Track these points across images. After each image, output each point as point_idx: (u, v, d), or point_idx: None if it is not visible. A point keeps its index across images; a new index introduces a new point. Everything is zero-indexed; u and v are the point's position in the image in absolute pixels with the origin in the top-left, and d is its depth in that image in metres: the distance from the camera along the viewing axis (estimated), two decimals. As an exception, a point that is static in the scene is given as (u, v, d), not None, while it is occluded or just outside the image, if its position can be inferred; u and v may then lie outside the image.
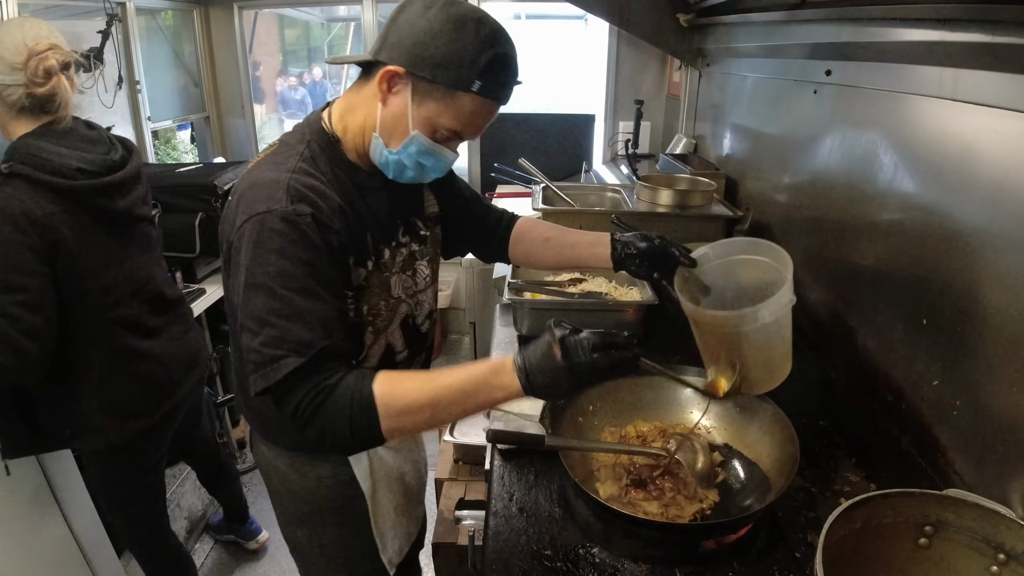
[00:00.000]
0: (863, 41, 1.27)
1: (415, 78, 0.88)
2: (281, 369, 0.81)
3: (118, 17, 2.59)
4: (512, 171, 2.45)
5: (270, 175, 0.91)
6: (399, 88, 0.90)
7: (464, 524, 1.17)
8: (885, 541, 0.77)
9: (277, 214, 0.86)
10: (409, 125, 0.91)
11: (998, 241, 0.94)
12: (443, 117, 0.91)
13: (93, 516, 1.73)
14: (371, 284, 1.02)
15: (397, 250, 1.07)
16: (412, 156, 0.95)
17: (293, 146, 0.96)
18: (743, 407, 1.09)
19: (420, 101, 0.90)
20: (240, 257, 0.87)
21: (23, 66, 1.26)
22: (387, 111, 0.92)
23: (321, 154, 0.96)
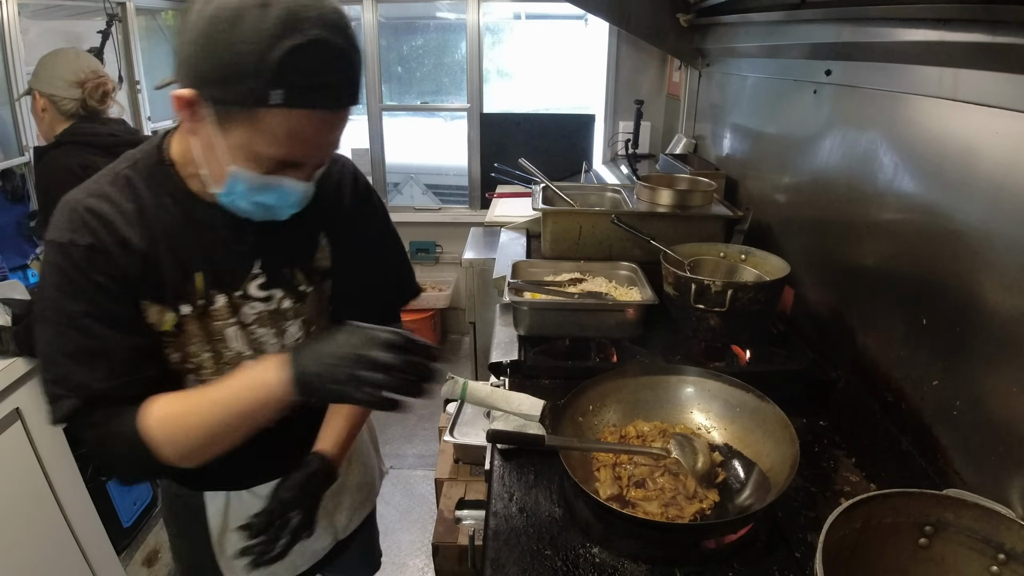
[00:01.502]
0: (863, 41, 1.27)
1: (208, 101, 0.69)
2: (59, 409, 0.80)
3: (118, 17, 2.59)
4: (512, 171, 2.45)
5: (74, 195, 0.82)
6: (200, 114, 0.71)
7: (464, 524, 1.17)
8: (885, 541, 0.77)
9: (54, 246, 0.79)
10: (224, 159, 0.73)
11: (998, 241, 0.94)
12: (256, 144, 0.71)
13: (93, 516, 1.73)
14: (187, 331, 0.88)
15: (245, 301, 0.91)
16: (244, 195, 0.77)
17: (116, 165, 0.85)
18: (743, 407, 1.09)
19: (225, 128, 0.71)
20: None
21: (80, 84, 1.70)
22: (200, 143, 0.75)
23: (144, 179, 0.83)
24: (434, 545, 1.52)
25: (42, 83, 1.70)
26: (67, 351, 0.79)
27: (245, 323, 0.92)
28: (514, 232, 2.26)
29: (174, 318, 0.86)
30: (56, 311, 0.79)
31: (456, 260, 3.67)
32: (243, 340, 0.92)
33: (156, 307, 0.84)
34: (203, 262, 0.86)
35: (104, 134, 1.73)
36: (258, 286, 0.91)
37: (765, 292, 1.33)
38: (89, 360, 0.79)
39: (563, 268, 1.67)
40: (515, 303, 1.44)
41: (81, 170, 1.59)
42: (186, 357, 0.90)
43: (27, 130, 2.23)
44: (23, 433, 1.53)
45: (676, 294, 1.39)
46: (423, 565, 2.09)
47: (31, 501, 1.55)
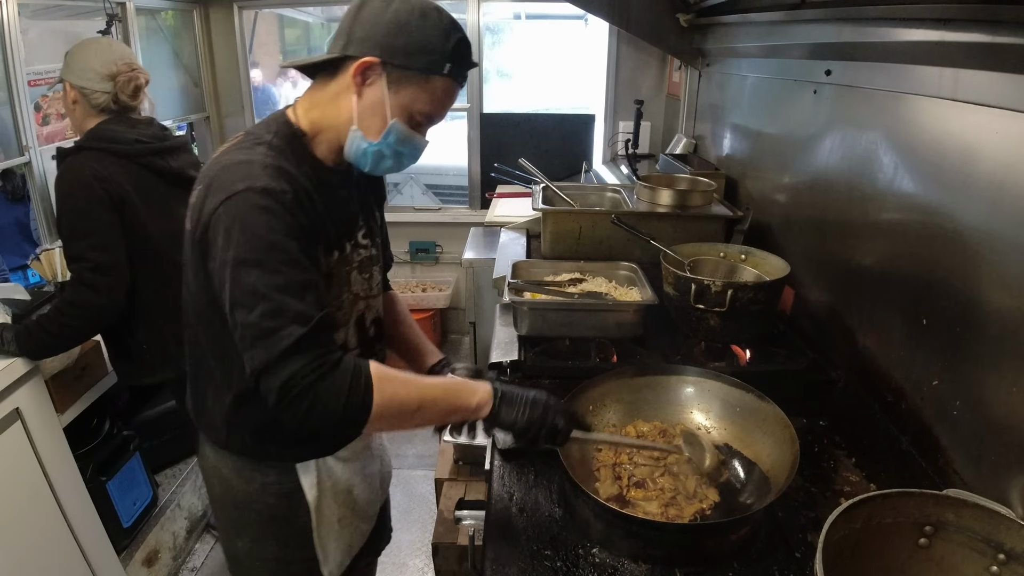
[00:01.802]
0: (863, 41, 1.27)
1: (389, 67, 0.91)
2: (283, 339, 0.82)
3: (118, 17, 2.59)
4: (512, 171, 2.45)
5: (241, 157, 0.91)
6: (373, 79, 0.92)
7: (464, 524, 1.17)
8: (885, 541, 0.77)
9: (257, 190, 0.85)
10: (387, 114, 0.93)
11: (998, 241, 0.94)
12: (418, 102, 0.94)
13: (93, 516, 1.73)
14: (336, 274, 1.03)
15: (356, 249, 1.08)
16: (391, 145, 0.96)
17: (260, 135, 0.96)
18: (743, 407, 1.09)
19: (396, 89, 0.92)
20: (220, 238, 0.86)
21: (112, 78, 1.60)
22: (363, 103, 0.94)
23: (287, 147, 0.96)
24: (434, 545, 1.52)
25: (73, 74, 1.61)
26: (279, 285, 0.84)
27: (359, 270, 1.09)
28: (514, 232, 2.26)
29: (332, 262, 1.01)
30: (267, 249, 0.84)
31: (456, 260, 3.67)
32: (357, 284, 1.09)
33: (324, 253, 0.98)
34: (336, 216, 1.01)
35: (129, 140, 1.62)
36: (362, 236, 1.09)
37: (765, 292, 1.33)
38: (301, 292, 0.85)
39: (563, 268, 1.67)
40: (515, 303, 1.44)
41: (97, 182, 1.52)
42: (332, 299, 1.02)
43: (27, 130, 2.22)
44: (23, 433, 1.53)
45: (676, 294, 1.39)
46: (423, 565, 2.10)
47: (31, 501, 1.55)
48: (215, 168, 0.92)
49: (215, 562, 2.27)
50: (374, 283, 1.14)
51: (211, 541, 2.35)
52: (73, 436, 1.72)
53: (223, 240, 0.85)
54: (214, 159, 0.95)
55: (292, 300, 0.84)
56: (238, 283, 0.84)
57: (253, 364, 0.84)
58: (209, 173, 0.92)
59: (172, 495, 2.22)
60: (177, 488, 2.26)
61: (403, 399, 0.89)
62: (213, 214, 0.87)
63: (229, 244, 0.85)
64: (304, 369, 0.82)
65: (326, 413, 0.84)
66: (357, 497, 1.20)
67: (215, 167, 0.92)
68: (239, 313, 0.84)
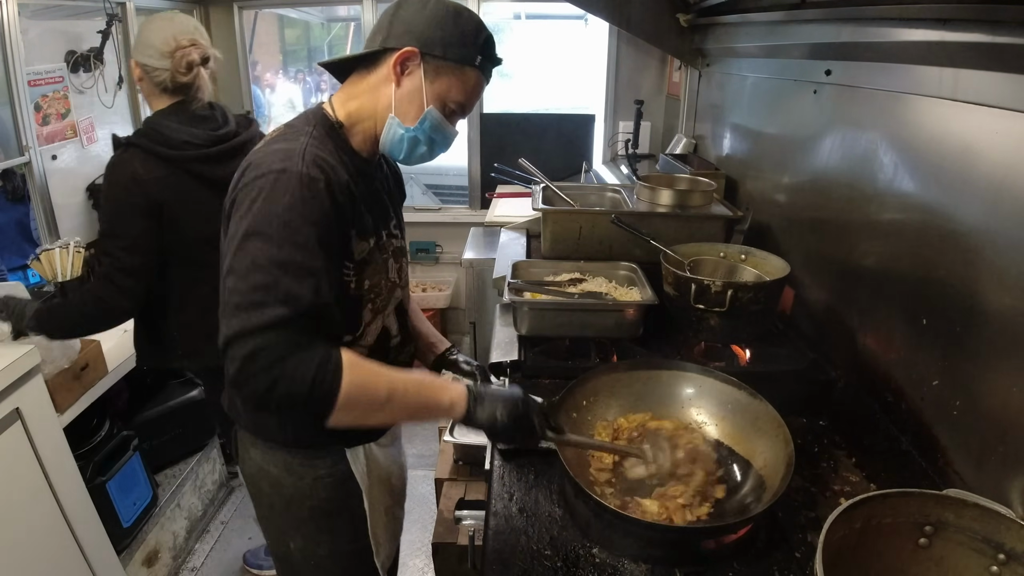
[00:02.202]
0: (863, 41, 1.27)
1: (428, 57, 0.98)
2: (265, 315, 0.81)
3: (118, 17, 2.59)
4: (512, 171, 2.45)
5: (282, 145, 0.94)
6: (412, 69, 0.99)
7: (464, 524, 1.17)
8: (885, 541, 0.77)
9: (293, 173, 0.88)
10: (425, 101, 0.99)
11: (998, 241, 0.94)
12: (453, 91, 1.01)
13: (93, 516, 1.74)
14: (373, 260, 1.06)
15: (390, 239, 1.13)
16: (426, 131, 1.02)
17: (300, 128, 0.99)
18: (735, 404, 1.09)
19: (433, 78, 0.99)
20: (242, 208, 0.87)
21: (170, 55, 1.55)
22: (402, 91, 1.00)
23: (327, 138, 1.00)
24: (434, 545, 1.52)
25: (137, 51, 1.59)
26: (280, 261, 0.84)
27: (392, 257, 1.13)
28: (514, 232, 2.26)
29: (368, 247, 1.04)
30: (281, 226, 0.85)
31: (456, 260, 3.66)
32: (393, 272, 1.13)
33: (359, 239, 1.02)
34: (373, 203, 1.07)
35: (177, 142, 1.56)
36: (393, 225, 1.14)
37: (765, 292, 1.33)
38: (300, 275, 0.85)
39: (563, 268, 1.67)
40: (515, 303, 1.43)
41: (136, 186, 1.51)
42: (371, 286, 1.07)
43: (27, 130, 2.23)
44: (23, 433, 1.53)
45: (676, 294, 1.39)
46: (423, 565, 2.10)
47: (31, 501, 1.55)
48: (256, 155, 0.95)
49: (215, 562, 2.27)
50: (403, 274, 1.19)
51: (211, 541, 2.35)
52: (73, 436, 1.72)
53: (244, 209, 0.87)
54: (257, 149, 0.98)
55: (288, 279, 0.84)
56: (242, 252, 0.85)
57: (227, 331, 0.82)
58: (251, 160, 0.95)
59: (172, 495, 2.22)
60: (177, 488, 2.26)
61: (372, 388, 0.89)
62: (244, 187, 0.90)
63: (248, 213, 0.87)
64: (274, 344, 0.81)
65: (290, 393, 0.82)
66: (394, 485, 1.26)
67: (256, 154, 0.95)
68: (231, 279, 0.84)
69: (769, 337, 1.44)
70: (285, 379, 0.82)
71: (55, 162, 2.37)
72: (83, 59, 2.48)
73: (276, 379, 0.82)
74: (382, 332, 1.12)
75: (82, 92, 2.51)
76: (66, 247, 2.17)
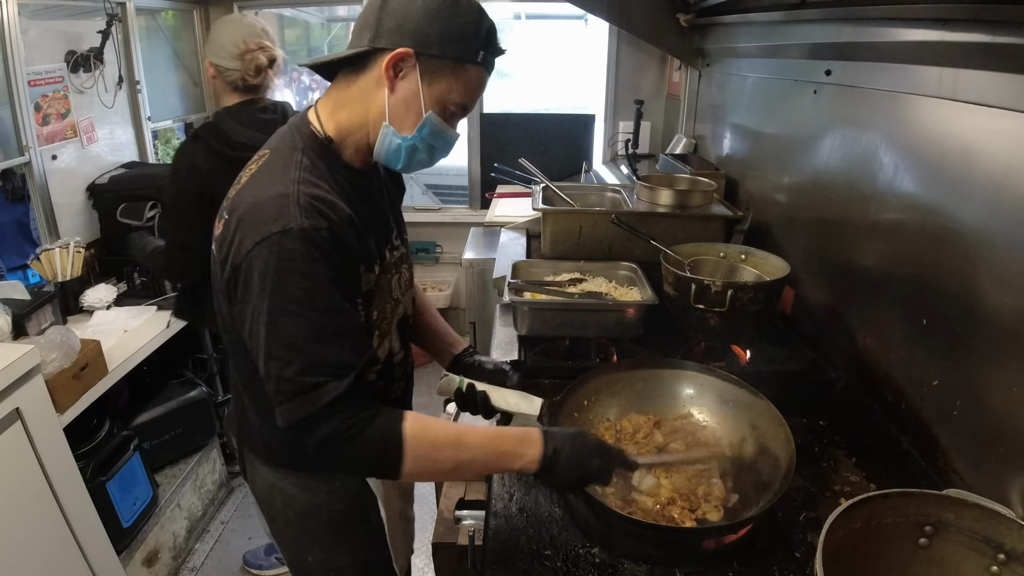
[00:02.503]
0: (863, 41, 1.27)
1: (423, 58, 0.87)
2: (323, 396, 0.80)
3: (118, 17, 2.59)
4: (512, 171, 2.45)
5: (273, 190, 0.85)
6: (406, 72, 0.88)
7: (464, 524, 1.16)
8: (885, 541, 0.77)
9: (294, 234, 0.80)
10: (423, 106, 0.90)
11: (998, 241, 0.94)
12: (454, 92, 0.91)
13: (93, 516, 1.73)
14: (378, 287, 1.00)
15: (393, 251, 1.06)
16: (425, 139, 0.93)
17: (288, 155, 0.90)
18: (737, 403, 1.09)
19: (430, 80, 0.89)
20: (254, 284, 0.82)
21: (240, 57, 1.68)
22: (396, 97, 0.90)
23: (319, 160, 0.91)
24: (434, 545, 1.52)
25: (210, 51, 1.72)
26: (316, 335, 0.81)
27: (395, 271, 1.07)
28: (514, 232, 2.26)
29: (373, 278, 0.98)
30: (301, 299, 0.81)
31: (456, 260, 3.66)
32: (396, 288, 1.07)
33: (365, 272, 0.95)
34: (372, 224, 0.98)
35: (235, 143, 1.64)
36: (394, 236, 1.08)
37: (765, 292, 1.33)
38: (338, 340, 0.83)
39: (563, 268, 1.67)
40: (515, 303, 1.43)
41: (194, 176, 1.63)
42: (378, 314, 1.01)
43: (27, 130, 2.23)
44: (23, 433, 1.53)
45: (676, 294, 1.39)
46: (423, 565, 2.09)
47: (31, 501, 1.55)
48: (245, 203, 0.86)
49: (215, 562, 2.27)
50: (404, 280, 1.12)
51: (211, 541, 2.35)
52: (73, 436, 1.72)
53: (258, 287, 0.81)
54: (242, 188, 0.90)
55: (329, 351, 0.82)
56: (273, 334, 0.81)
57: (289, 418, 0.82)
58: (240, 207, 0.86)
59: (172, 495, 2.22)
60: (177, 488, 2.26)
61: (437, 462, 0.88)
62: (246, 257, 0.82)
63: (264, 292, 0.81)
64: (339, 427, 0.82)
65: (355, 470, 0.90)
66: (405, 488, 1.28)
67: (246, 200, 0.87)
68: (273, 365, 0.82)
69: (769, 337, 1.44)
70: (350, 463, 0.87)
71: (55, 162, 2.37)
72: (83, 59, 2.48)
73: (343, 464, 0.88)
74: (388, 354, 1.09)
75: (82, 92, 2.51)
76: (66, 247, 2.18)
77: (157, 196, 2.40)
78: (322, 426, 0.82)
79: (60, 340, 1.69)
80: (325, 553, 1.13)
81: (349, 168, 0.96)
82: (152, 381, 2.36)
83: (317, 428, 0.82)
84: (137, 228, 2.30)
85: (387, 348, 1.07)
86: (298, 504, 1.09)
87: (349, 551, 1.13)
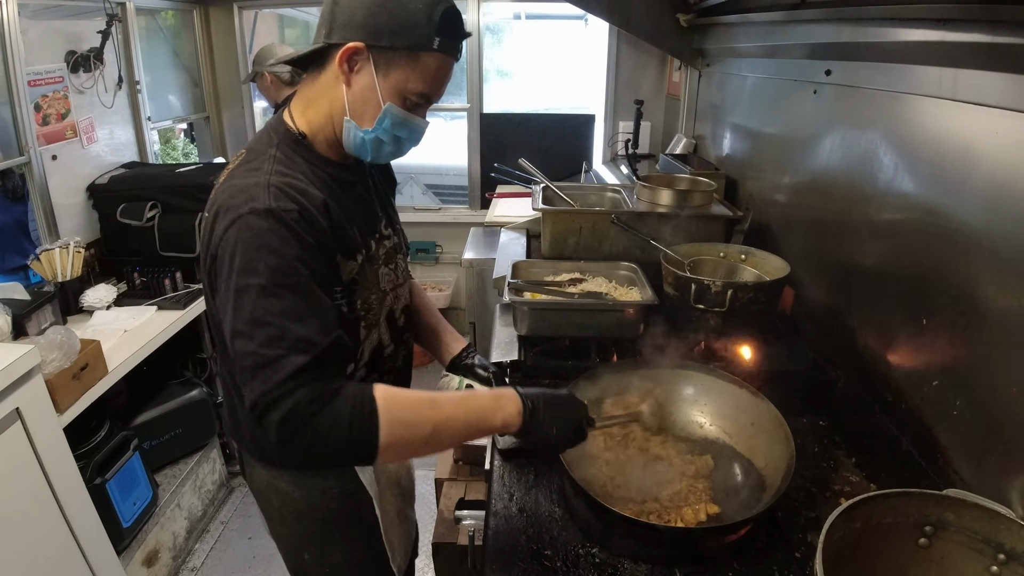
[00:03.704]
0: (863, 41, 1.27)
1: (375, 50, 0.88)
2: (283, 368, 0.76)
3: (118, 17, 2.59)
4: (512, 171, 2.45)
5: (246, 180, 0.87)
6: (360, 65, 0.90)
7: (464, 524, 1.17)
8: (885, 541, 0.77)
9: (261, 213, 0.82)
10: (380, 99, 0.91)
11: (998, 241, 0.94)
12: (411, 82, 0.90)
13: (93, 516, 1.73)
14: (363, 277, 0.99)
15: (381, 242, 1.06)
16: (387, 130, 0.93)
17: (263, 151, 0.93)
18: (737, 403, 1.09)
19: (385, 72, 0.89)
20: (225, 266, 0.82)
21: None
22: (353, 91, 0.91)
23: (294, 154, 0.93)
24: (434, 545, 1.52)
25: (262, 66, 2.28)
26: (281, 310, 0.79)
27: (384, 263, 1.06)
28: (514, 232, 2.26)
29: (355, 267, 0.97)
30: (267, 274, 0.80)
31: (456, 260, 3.66)
32: (386, 279, 1.06)
33: (345, 260, 0.95)
34: (356, 214, 0.99)
35: None
36: (384, 226, 1.08)
37: (765, 292, 1.33)
38: (302, 317, 0.80)
39: (563, 268, 1.67)
40: (515, 303, 1.43)
41: None
42: (362, 304, 1.01)
43: (27, 130, 2.23)
44: (23, 433, 1.53)
45: (676, 294, 1.39)
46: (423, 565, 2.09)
47: (31, 501, 1.55)
48: (222, 193, 0.88)
49: (215, 562, 2.27)
50: (399, 271, 1.11)
51: (211, 541, 2.35)
52: (73, 436, 1.72)
53: (227, 267, 0.82)
54: (221, 183, 0.92)
55: (294, 325, 0.79)
56: (239, 310, 0.80)
57: (252, 395, 0.78)
58: (217, 198, 0.88)
59: (172, 495, 2.22)
60: (177, 488, 2.26)
61: (414, 424, 0.82)
62: (220, 241, 0.83)
63: (232, 270, 0.81)
64: (300, 404, 0.76)
65: (327, 448, 0.77)
66: (405, 487, 1.24)
67: (223, 192, 0.88)
68: (239, 342, 0.80)
69: (769, 337, 1.44)
70: (320, 439, 0.76)
71: (55, 162, 2.37)
72: (83, 59, 2.48)
73: (312, 441, 0.76)
74: (376, 346, 1.08)
75: (82, 92, 2.51)
76: (66, 247, 2.18)
77: (157, 196, 2.40)
78: (283, 403, 0.76)
79: (60, 340, 1.69)
80: (320, 551, 1.13)
81: (327, 161, 0.98)
82: (152, 381, 2.36)
83: (278, 405, 0.76)
84: (137, 227, 2.28)
85: (375, 340, 1.07)
86: (293, 502, 1.10)
87: (344, 549, 1.13)
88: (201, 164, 2.90)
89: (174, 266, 2.34)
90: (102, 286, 2.29)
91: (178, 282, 2.34)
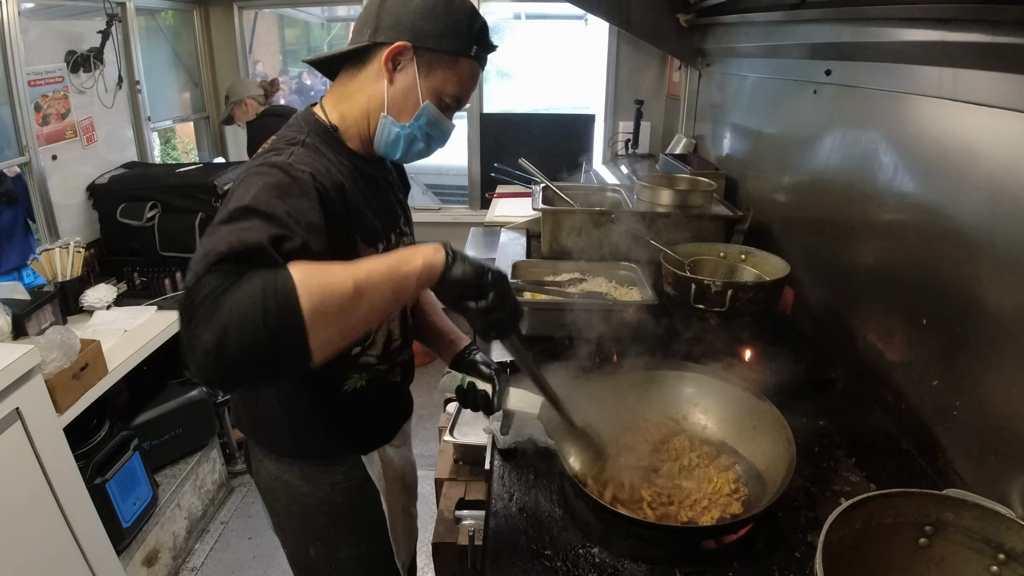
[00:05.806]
0: (863, 41, 1.27)
1: (420, 51, 0.94)
2: (210, 257, 0.67)
3: (118, 17, 2.59)
4: (512, 171, 2.45)
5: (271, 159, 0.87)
6: (404, 64, 0.95)
7: (464, 524, 1.17)
8: (885, 541, 0.77)
9: (276, 164, 0.84)
10: (419, 97, 0.96)
11: (998, 241, 0.94)
12: (448, 84, 0.97)
13: (93, 516, 1.73)
14: None
15: (400, 238, 1.10)
16: (422, 127, 0.99)
17: (293, 137, 0.95)
18: (740, 405, 1.09)
19: (427, 72, 0.95)
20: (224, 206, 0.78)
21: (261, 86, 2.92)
22: (395, 88, 0.96)
23: (323, 144, 0.97)
24: (434, 545, 1.52)
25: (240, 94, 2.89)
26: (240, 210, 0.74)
27: None
28: (514, 232, 2.26)
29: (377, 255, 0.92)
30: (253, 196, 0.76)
31: (456, 260, 3.67)
32: None
33: (365, 246, 0.98)
34: (378, 208, 1.03)
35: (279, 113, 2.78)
36: (403, 223, 1.12)
37: (765, 292, 1.33)
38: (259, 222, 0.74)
39: (563, 268, 1.67)
40: (515, 303, 1.43)
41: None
42: None
43: (27, 130, 2.23)
44: (23, 433, 1.53)
45: (676, 294, 1.39)
46: (423, 565, 2.09)
47: (31, 501, 1.55)
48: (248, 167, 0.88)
49: (215, 562, 2.27)
50: None
51: (211, 541, 2.35)
52: (73, 436, 1.72)
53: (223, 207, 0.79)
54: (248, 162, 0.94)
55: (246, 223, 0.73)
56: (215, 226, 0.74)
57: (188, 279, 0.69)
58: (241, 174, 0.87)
59: (172, 495, 2.22)
60: (177, 488, 2.26)
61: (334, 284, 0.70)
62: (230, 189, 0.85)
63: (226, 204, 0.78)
64: (223, 279, 0.66)
65: (243, 325, 0.64)
66: (409, 484, 1.26)
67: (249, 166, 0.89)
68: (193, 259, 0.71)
69: (769, 337, 1.44)
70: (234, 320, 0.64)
71: (55, 162, 2.37)
72: (83, 59, 2.48)
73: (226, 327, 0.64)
74: (387, 338, 1.10)
75: (82, 92, 2.51)
76: (66, 247, 2.18)
77: (157, 196, 2.40)
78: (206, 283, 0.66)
79: (60, 340, 1.69)
80: (326, 546, 1.14)
81: (354, 154, 1.01)
82: (152, 381, 2.36)
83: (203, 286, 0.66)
84: (137, 227, 2.27)
85: (386, 333, 1.09)
86: (301, 496, 1.11)
87: (350, 544, 1.14)
88: (201, 164, 2.90)
89: (174, 266, 2.34)
90: (102, 286, 2.29)
91: (178, 282, 2.34)
